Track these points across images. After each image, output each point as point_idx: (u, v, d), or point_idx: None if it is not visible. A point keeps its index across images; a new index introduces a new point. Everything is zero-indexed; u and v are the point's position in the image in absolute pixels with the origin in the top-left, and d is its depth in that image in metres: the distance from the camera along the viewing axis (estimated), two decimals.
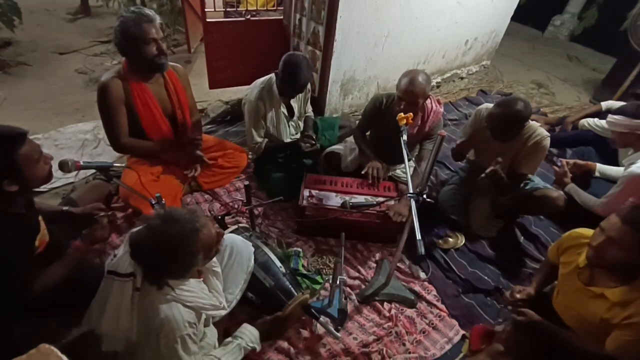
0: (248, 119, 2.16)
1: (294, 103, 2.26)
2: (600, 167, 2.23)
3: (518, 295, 1.49)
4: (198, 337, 1.23)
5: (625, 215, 1.24)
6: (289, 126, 2.31)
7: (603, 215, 1.82)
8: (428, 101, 1.99)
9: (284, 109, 2.22)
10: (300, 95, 2.28)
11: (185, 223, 1.08)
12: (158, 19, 1.74)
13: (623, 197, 1.81)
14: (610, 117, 1.98)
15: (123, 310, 1.16)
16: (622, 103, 2.64)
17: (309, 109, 2.46)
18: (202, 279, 1.28)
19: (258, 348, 1.41)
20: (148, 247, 1.04)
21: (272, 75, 2.13)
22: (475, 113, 2.08)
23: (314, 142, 2.25)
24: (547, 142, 1.88)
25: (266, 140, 2.24)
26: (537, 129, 1.89)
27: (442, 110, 2.06)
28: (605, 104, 2.74)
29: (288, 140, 2.31)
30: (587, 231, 1.44)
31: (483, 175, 1.86)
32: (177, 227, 1.06)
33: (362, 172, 2.09)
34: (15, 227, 1.23)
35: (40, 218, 1.36)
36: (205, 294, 1.22)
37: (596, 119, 2.57)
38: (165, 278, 1.11)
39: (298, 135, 2.41)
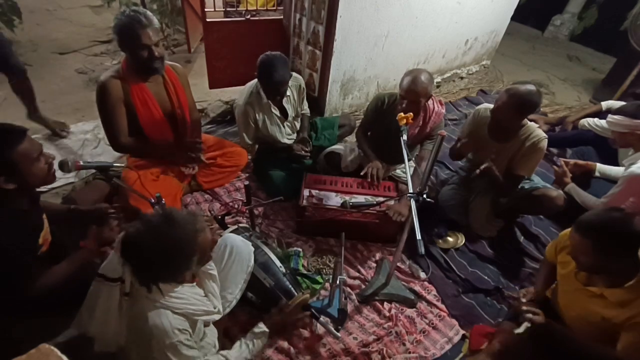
0: (238, 122, 2.19)
1: (286, 104, 2.23)
2: (600, 167, 2.23)
3: (524, 299, 1.49)
4: (197, 338, 1.22)
5: (576, 223, 1.26)
6: (284, 127, 2.29)
7: None
8: (430, 102, 1.99)
9: (275, 111, 2.21)
10: (294, 93, 2.26)
11: (187, 225, 1.06)
12: (155, 23, 1.73)
13: (623, 197, 1.81)
14: (610, 117, 1.98)
15: (111, 315, 1.15)
16: (622, 103, 2.64)
17: (305, 106, 2.43)
18: (195, 283, 1.26)
19: (257, 330, 1.43)
20: (145, 246, 1.02)
21: None
22: (474, 113, 2.08)
23: (307, 149, 2.26)
24: (545, 143, 1.88)
25: (256, 145, 2.26)
26: (535, 130, 1.89)
27: (443, 111, 2.06)
28: (605, 104, 2.74)
29: (285, 140, 2.31)
30: None
31: (477, 171, 1.86)
32: (177, 228, 1.05)
33: (362, 173, 2.08)
34: (19, 224, 1.23)
35: (44, 216, 1.36)
36: (197, 299, 1.19)
37: (596, 119, 2.57)
38: (157, 280, 1.08)
39: (295, 136, 2.40)
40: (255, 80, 2.13)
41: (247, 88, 2.15)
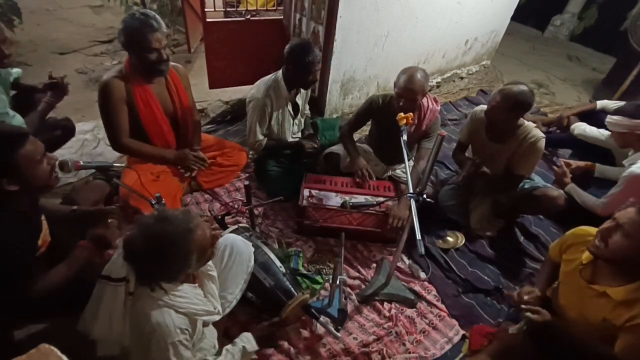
0: (253, 115, 2.12)
1: (298, 100, 2.25)
2: (600, 168, 2.23)
3: (526, 297, 1.46)
4: (195, 339, 1.22)
5: None
6: (293, 124, 2.31)
7: (603, 215, 1.83)
8: (424, 100, 1.98)
9: (289, 108, 2.21)
10: (304, 92, 2.28)
11: (179, 223, 1.06)
12: (164, 27, 1.74)
13: (623, 197, 1.81)
14: (610, 117, 1.98)
15: (116, 315, 1.16)
16: (618, 102, 2.62)
17: (307, 107, 2.46)
18: (197, 284, 1.27)
19: (249, 347, 1.40)
20: (141, 246, 1.03)
21: (278, 73, 2.11)
22: (471, 115, 2.09)
23: (316, 144, 2.25)
24: (542, 143, 1.88)
25: (266, 138, 2.24)
26: (532, 130, 1.89)
27: (438, 108, 2.04)
28: (600, 103, 2.73)
29: (290, 139, 2.31)
30: (593, 229, 1.42)
31: (461, 177, 1.90)
32: (170, 226, 1.05)
33: (357, 179, 2.08)
34: (20, 225, 1.23)
35: (42, 217, 1.36)
36: (199, 300, 1.20)
37: (586, 127, 2.50)
38: (158, 280, 1.09)
39: (299, 135, 2.41)
40: (273, 74, 2.13)
41: (263, 82, 2.12)
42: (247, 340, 1.41)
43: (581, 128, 2.53)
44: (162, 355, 1.08)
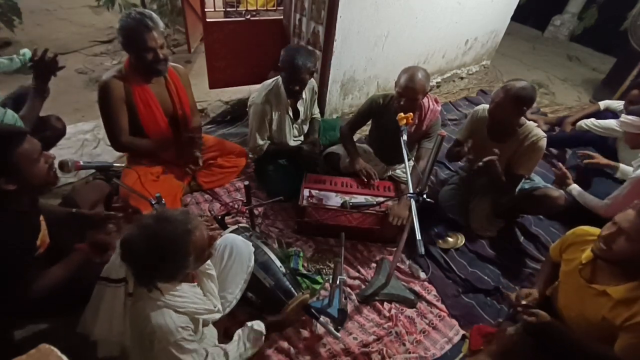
0: (253, 121, 2.14)
1: (300, 106, 2.24)
2: (623, 169, 2.14)
3: (524, 302, 1.46)
4: (197, 338, 1.22)
5: None
6: (292, 128, 2.30)
7: (605, 217, 1.82)
8: (425, 100, 1.98)
9: (290, 113, 2.21)
10: (307, 97, 2.27)
11: (177, 224, 1.06)
12: (160, 26, 1.74)
13: (628, 200, 1.78)
14: (624, 117, 1.98)
15: (116, 316, 1.16)
16: (620, 102, 2.63)
17: (316, 110, 2.44)
18: (196, 283, 1.27)
19: (256, 327, 1.40)
20: (139, 247, 1.03)
21: (279, 77, 2.11)
22: (472, 114, 2.08)
23: (317, 151, 2.25)
24: (544, 142, 1.87)
25: (268, 142, 2.24)
26: (534, 129, 1.89)
27: (439, 108, 2.05)
28: (603, 104, 2.74)
29: (291, 142, 2.31)
30: (593, 229, 1.43)
31: (481, 163, 1.82)
32: (168, 227, 1.05)
33: (362, 179, 2.09)
34: (19, 225, 1.23)
35: (41, 218, 1.36)
36: (198, 299, 1.20)
37: (593, 119, 2.55)
38: (156, 280, 1.09)
39: (301, 138, 2.40)
40: (274, 79, 2.13)
41: (264, 87, 2.12)
42: (256, 323, 1.41)
43: (590, 120, 2.54)
44: (167, 355, 1.08)
